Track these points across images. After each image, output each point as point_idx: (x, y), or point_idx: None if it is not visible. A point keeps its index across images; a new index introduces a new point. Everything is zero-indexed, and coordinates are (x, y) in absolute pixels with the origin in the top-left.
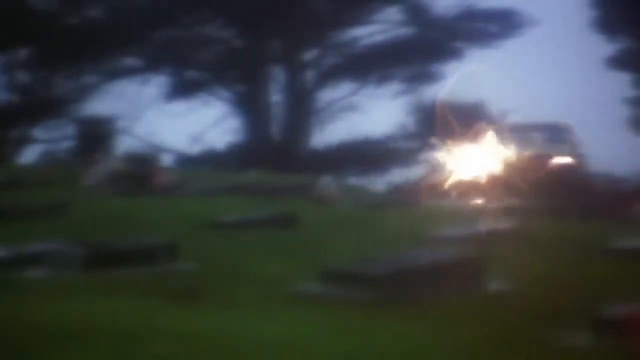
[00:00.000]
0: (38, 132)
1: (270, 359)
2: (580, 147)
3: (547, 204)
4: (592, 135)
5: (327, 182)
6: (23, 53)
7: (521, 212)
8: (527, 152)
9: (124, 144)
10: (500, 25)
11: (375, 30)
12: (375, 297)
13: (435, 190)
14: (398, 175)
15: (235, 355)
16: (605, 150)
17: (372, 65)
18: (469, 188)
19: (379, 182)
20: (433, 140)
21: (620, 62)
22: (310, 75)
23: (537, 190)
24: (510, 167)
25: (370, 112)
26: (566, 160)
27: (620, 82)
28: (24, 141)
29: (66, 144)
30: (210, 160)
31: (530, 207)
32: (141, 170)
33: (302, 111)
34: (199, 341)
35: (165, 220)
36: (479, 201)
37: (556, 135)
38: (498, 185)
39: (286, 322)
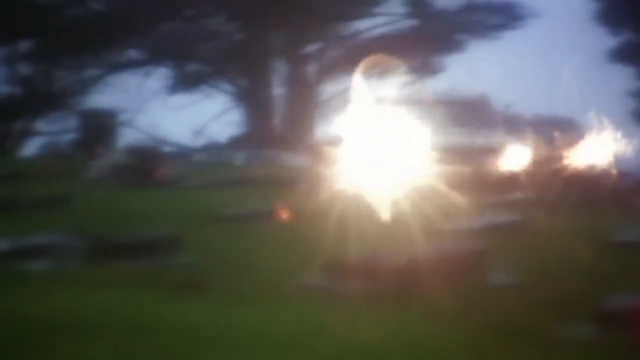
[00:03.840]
0: (41, 124)
1: (273, 352)
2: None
3: (550, 197)
4: (595, 128)
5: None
6: (25, 46)
7: (525, 204)
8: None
9: (126, 137)
10: (502, 18)
11: (377, 22)
12: (379, 290)
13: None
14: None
15: (238, 348)
16: (608, 143)
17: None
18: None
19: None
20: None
21: (623, 54)
22: (312, 68)
23: (539, 184)
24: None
25: None
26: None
27: (623, 75)
28: (27, 134)
29: (69, 137)
30: (212, 153)
31: (534, 200)
32: (144, 162)
33: (304, 104)
34: (202, 334)
35: (167, 212)
36: (480, 194)
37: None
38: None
39: (290, 315)
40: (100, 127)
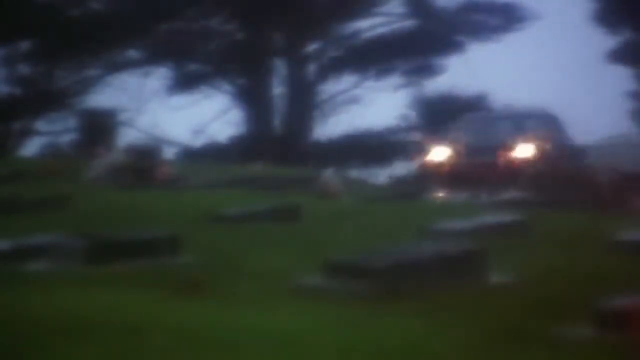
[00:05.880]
0: (40, 124)
1: (272, 352)
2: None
3: (550, 196)
4: (593, 128)
5: (329, 175)
6: (25, 45)
7: (524, 204)
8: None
9: (127, 137)
10: (502, 19)
11: (377, 22)
12: (378, 290)
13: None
14: (400, 168)
15: (237, 349)
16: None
17: (373, 58)
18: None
19: (381, 175)
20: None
21: (621, 55)
22: (312, 67)
23: (539, 182)
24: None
25: (372, 105)
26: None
27: (621, 75)
28: (27, 134)
29: (69, 137)
30: (212, 153)
31: (533, 200)
32: (144, 162)
33: (304, 104)
34: (201, 334)
35: (167, 212)
36: (479, 194)
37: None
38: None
39: (288, 315)
40: (100, 127)
